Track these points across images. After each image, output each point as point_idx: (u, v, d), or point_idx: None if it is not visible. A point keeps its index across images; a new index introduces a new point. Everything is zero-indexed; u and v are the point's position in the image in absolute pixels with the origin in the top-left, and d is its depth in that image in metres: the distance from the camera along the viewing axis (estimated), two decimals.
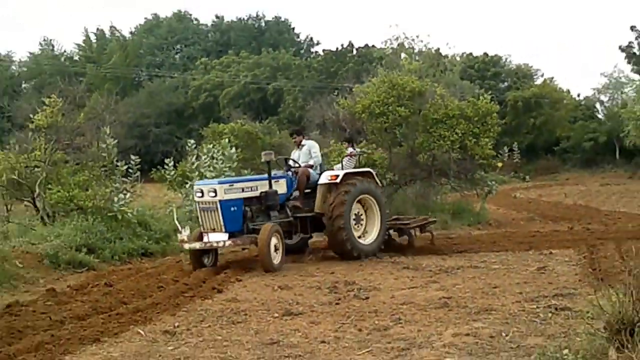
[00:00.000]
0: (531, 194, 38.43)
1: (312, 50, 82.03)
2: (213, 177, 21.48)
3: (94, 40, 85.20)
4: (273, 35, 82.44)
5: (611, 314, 7.72)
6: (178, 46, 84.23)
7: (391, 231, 17.56)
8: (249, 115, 50.50)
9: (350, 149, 18.98)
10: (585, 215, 25.05)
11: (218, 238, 14.47)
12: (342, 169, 16.96)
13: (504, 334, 8.88)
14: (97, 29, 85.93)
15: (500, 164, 26.58)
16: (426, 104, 24.28)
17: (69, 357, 8.65)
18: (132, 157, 20.36)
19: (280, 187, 15.83)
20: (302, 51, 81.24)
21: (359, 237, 16.14)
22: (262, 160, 15.91)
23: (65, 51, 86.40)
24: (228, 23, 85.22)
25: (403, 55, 52.61)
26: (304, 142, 17.08)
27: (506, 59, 66.73)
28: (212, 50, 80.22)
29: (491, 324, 9.50)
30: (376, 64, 51.62)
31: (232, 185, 15.00)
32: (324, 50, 73.47)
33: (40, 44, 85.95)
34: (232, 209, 14.64)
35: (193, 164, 22.22)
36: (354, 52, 67.15)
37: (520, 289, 11.81)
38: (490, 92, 28.75)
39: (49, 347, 8.97)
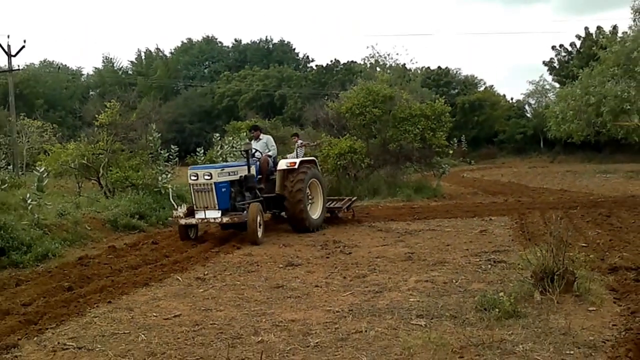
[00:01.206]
0: (475, 175, 38.41)
1: (308, 65, 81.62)
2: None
3: (144, 58, 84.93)
4: (279, 54, 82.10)
5: (536, 265, 7.77)
6: (206, 63, 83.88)
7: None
8: (260, 115, 50.42)
9: (300, 141, 18.55)
10: (517, 191, 25.05)
11: (214, 215, 13.29)
12: (297, 157, 16.16)
13: (454, 281, 8.91)
14: (146, 49, 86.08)
15: (451, 152, 26.52)
16: (395, 106, 24.28)
17: (125, 297, 8.65)
18: (172, 146, 20.30)
19: (252, 172, 14.77)
20: (300, 66, 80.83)
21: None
22: (242, 149, 15.15)
23: (122, 66, 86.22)
24: (245, 45, 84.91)
25: (378, 69, 52.52)
26: (261, 136, 15.93)
27: (456, 71, 66.59)
28: (233, 65, 79.85)
29: (445, 273, 9.52)
30: (357, 75, 51.37)
31: (223, 169, 13.77)
32: (316, 65, 73.25)
33: (103, 61, 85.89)
34: (223, 189, 13.50)
35: (218, 151, 22.33)
36: (340, 66, 66.90)
37: (467, 247, 11.84)
38: (443, 97, 28.63)
39: (110, 289, 8.99)
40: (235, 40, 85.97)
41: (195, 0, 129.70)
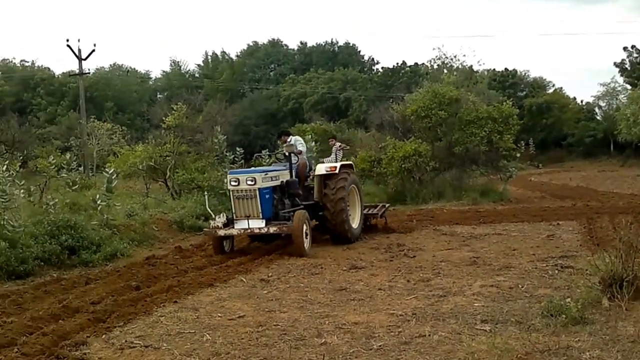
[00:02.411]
0: (543, 178, 37.69)
1: (374, 67, 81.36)
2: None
3: (210, 61, 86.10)
4: (344, 56, 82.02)
5: (605, 271, 7.59)
6: (272, 65, 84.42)
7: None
8: (325, 117, 50.51)
9: (337, 144, 17.48)
10: (586, 195, 24.48)
11: (257, 224, 12.01)
12: (336, 160, 15.29)
13: (520, 286, 8.78)
14: (213, 52, 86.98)
15: (518, 155, 26.08)
16: (461, 108, 24.07)
17: (191, 297, 8.82)
18: (237, 149, 20.59)
19: (293, 177, 13.52)
20: (365, 68, 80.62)
21: None
22: (285, 152, 13.64)
23: (188, 69, 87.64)
24: (310, 47, 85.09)
25: (444, 71, 52.10)
26: (290, 139, 14.35)
27: (524, 73, 65.45)
28: (298, 68, 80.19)
29: (510, 278, 9.39)
30: (423, 78, 51.05)
31: (267, 174, 12.54)
32: (382, 68, 72.88)
33: (171, 64, 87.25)
34: (267, 196, 12.23)
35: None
36: (406, 68, 66.52)
37: (533, 251, 11.65)
38: (511, 99, 28.18)
39: (176, 289, 9.18)
40: (301, 43, 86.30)
41: (261, 3, 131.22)
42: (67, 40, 39.69)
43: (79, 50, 40.09)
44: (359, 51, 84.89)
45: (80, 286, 9.77)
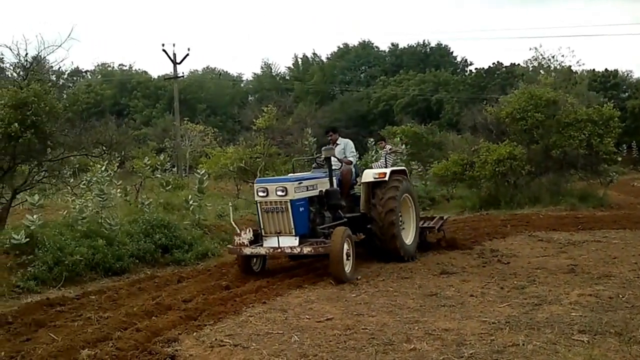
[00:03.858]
0: None
1: (467, 69, 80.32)
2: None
3: (300, 64, 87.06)
4: (436, 58, 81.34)
5: None
6: (363, 67, 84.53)
7: None
8: (416, 120, 50.17)
9: (388, 146, 15.60)
10: None
11: (290, 242, 10.23)
12: (387, 166, 13.70)
13: (620, 296, 8.45)
14: (303, 55, 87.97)
15: (620, 159, 25.12)
16: (559, 110, 23.40)
17: (279, 298, 8.93)
18: None
19: (334, 186, 11.58)
20: (458, 70, 79.70)
21: None
22: (322, 156, 11.66)
23: (279, 72, 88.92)
24: (401, 49, 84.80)
25: (541, 71, 50.87)
26: (339, 140, 12.83)
27: (627, 73, 63.13)
28: (389, 70, 80.00)
29: (610, 287, 9.05)
30: (518, 79, 49.92)
31: (301, 183, 10.64)
32: (476, 69, 71.94)
33: (262, 67, 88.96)
34: (301, 209, 10.46)
35: (373, 156, 22.48)
36: (502, 69, 65.31)
37: (635, 260, 11.19)
38: (612, 101, 27.17)
39: (265, 290, 9.34)
40: (392, 44, 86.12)
41: (352, 5, 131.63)
42: (163, 45, 41.31)
43: (174, 55, 41.51)
44: (452, 52, 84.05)
45: (173, 284, 10.09)
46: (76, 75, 76.22)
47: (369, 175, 11.89)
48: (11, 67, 19.26)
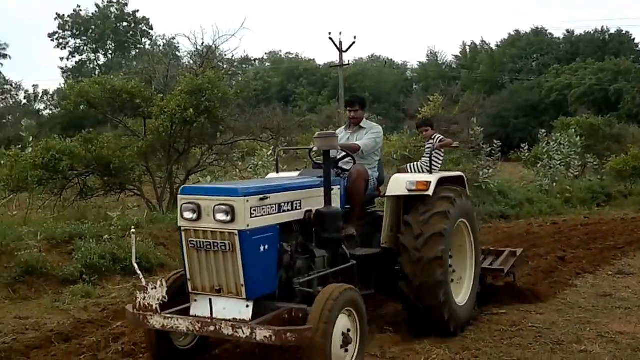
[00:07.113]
0: None
1: None
2: (559, 161, 20.47)
3: (468, 52, 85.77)
4: (615, 45, 77.16)
5: None
6: (535, 55, 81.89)
7: None
8: (592, 111, 47.94)
9: (437, 135, 9.14)
10: None
11: (233, 311, 5.40)
12: (430, 168, 7.72)
13: None
14: (471, 42, 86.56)
15: None
16: None
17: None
18: (495, 141, 20.27)
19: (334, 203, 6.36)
20: None
21: None
22: (314, 148, 7.28)
23: (445, 60, 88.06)
24: (577, 36, 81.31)
25: None
26: (364, 123, 7.69)
27: None
28: (563, 58, 76.86)
29: None
30: None
31: (265, 197, 5.58)
32: None
33: (427, 55, 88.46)
34: (262, 247, 5.50)
35: (543, 148, 21.91)
36: None
37: None
38: None
39: None
40: (567, 31, 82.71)
41: None
42: (330, 33, 41.95)
43: (340, 43, 42.10)
44: (633, 39, 79.34)
45: None
46: (245, 63, 79.41)
47: (399, 184, 7.02)
48: (188, 55, 20.41)
